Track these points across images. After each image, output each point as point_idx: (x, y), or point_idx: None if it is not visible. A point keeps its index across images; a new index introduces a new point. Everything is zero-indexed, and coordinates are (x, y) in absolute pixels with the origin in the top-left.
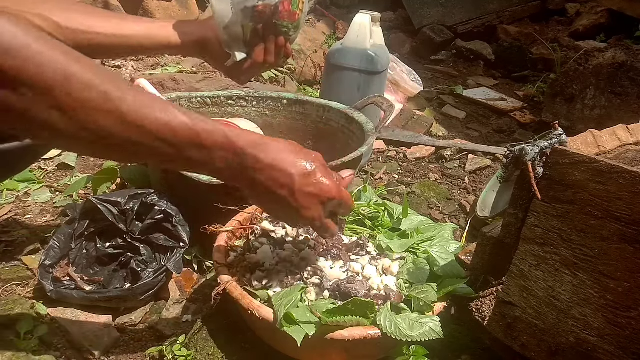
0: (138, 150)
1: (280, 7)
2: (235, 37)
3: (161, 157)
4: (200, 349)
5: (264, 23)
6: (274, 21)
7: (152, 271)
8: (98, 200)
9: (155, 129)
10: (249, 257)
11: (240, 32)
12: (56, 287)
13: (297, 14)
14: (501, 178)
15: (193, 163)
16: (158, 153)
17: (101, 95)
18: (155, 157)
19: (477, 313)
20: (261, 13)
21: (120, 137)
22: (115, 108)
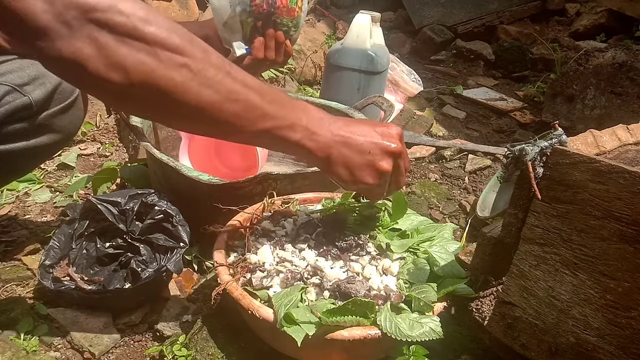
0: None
1: (278, 2)
2: (235, 33)
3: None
4: (200, 349)
5: (263, 19)
6: (273, 18)
7: (152, 271)
8: (98, 200)
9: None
10: (249, 257)
11: (239, 27)
12: (56, 287)
13: (296, 10)
14: (501, 178)
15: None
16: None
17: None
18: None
19: (477, 313)
20: (259, 7)
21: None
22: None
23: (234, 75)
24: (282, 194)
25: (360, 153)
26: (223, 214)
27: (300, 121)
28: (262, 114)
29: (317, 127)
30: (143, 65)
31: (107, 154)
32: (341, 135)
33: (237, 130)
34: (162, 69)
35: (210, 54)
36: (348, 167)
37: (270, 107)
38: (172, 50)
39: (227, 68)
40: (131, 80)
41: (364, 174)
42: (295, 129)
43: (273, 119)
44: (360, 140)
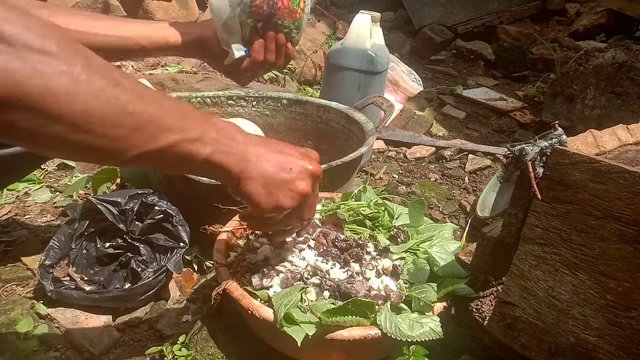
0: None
1: (279, 3)
2: (234, 34)
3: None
4: (200, 349)
5: (264, 21)
6: (274, 20)
7: (152, 271)
8: (98, 200)
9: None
10: (249, 257)
11: (239, 28)
12: (56, 287)
13: (298, 12)
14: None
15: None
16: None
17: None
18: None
19: (477, 313)
20: (259, 8)
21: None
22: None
23: (127, 85)
24: None
25: (281, 170)
26: (223, 214)
27: (209, 133)
28: (163, 126)
29: (230, 139)
30: (8, 73)
31: None
32: (258, 149)
33: (133, 149)
34: (34, 77)
35: (94, 60)
36: (265, 184)
37: (173, 120)
38: (48, 55)
39: (116, 77)
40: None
41: (282, 195)
42: (205, 142)
43: (177, 132)
44: (280, 157)
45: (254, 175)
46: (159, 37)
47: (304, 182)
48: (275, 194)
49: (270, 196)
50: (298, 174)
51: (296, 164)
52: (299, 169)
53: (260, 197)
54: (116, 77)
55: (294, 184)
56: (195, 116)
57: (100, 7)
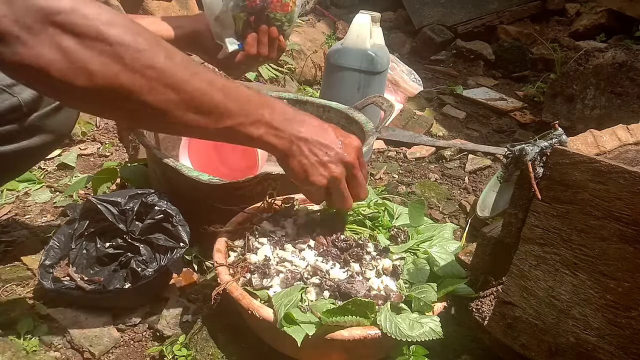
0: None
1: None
2: (227, 28)
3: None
4: (200, 349)
5: (256, 14)
6: (266, 13)
7: (152, 271)
8: (98, 200)
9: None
10: (249, 257)
11: (232, 22)
12: (56, 287)
13: (289, 5)
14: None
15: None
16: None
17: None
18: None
19: (477, 313)
20: (251, 2)
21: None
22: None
23: (199, 75)
24: (282, 194)
25: (318, 153)
26: (223, 214)
27: (263, 117)
28: (226, 112)
29: (281, 123)
30: (107, 69)
31: (107, 154)
32: (304, 134)
33: (200, 128)
34: (127, 71)
35: (175, 55)
36: (303, 163)
37: (234, 105)
38: (137, 53)
39: (192, 68)
40: (96, 84)
41: (315, 173)
42: (258, 126)
43: (236, 117)
44: (322, 142)
45: (296, 154)
46: (152, 32)
47: (335, 165)
48: (310, 171)
49: (305, 172)
50: (331, 158)
51: (332, 150)
52: (333, 154)
53: (298, 172)
54: (194, 68)
55: (326, 166)
56: (254, 101)
57: None
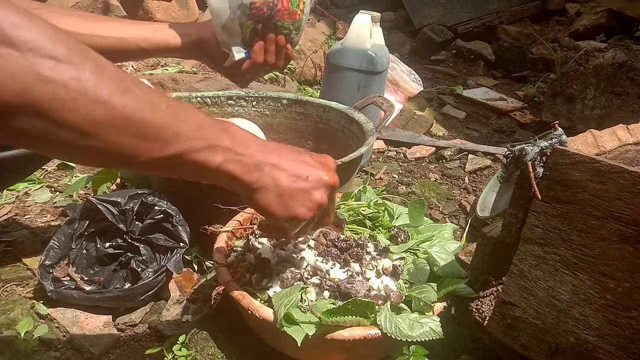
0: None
1: (279, 4)
2: (234, 36)
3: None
4: (200, 349)
5: (263, 22)
6: (274, 21)
7: (152, 271)
8: (98, 200)
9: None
10: (249, 257)
11: (239, 30)
12: (56, 287)
13: (297, 13)
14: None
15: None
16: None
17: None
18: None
19: (477, 313)
20: (259, 10)
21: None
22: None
23: (136, 91)
24: None
25: (296, 179)
26: (223, 214)
27: (221, 142)
28: (173, 134)
29: (243, 147)
30: (15, 81)
31: None
32: (273, 158)
33: (140, 157)
34: (42, 82)
35: (104, 66)
36: (280, 195)
37: (183, 127)
38: (56, 61)
39: (127, 83)
40: (3, 99)
41: (298, 205)
42: (216, 151)
43: (187, 141)
44: (296, 166)
45: (269, 186)
46: (158, 39)
47: (319, 191)
48: (291, 204)
49: (286, 207)
50: (314, 184)
51: (313, 173)
52: (315, 179)
53: (275, 207)
54: (127, 84)
55: (310, 195)
56: (208, 124)
57: (101, 7)
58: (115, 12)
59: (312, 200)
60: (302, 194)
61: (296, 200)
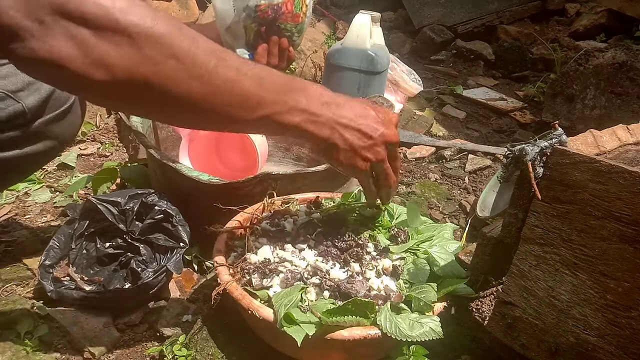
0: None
1: (283, 7)
2: (238, 38)
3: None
4: (200, 349)
5: (267, 25)
6: (277, 24)
7: (152, 271)
8: (98, 200)
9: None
10: (249, 257)
11: (243, 33)
12: (56, 287)
13: (300, 16)
14: (501, 178)
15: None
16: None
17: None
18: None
19: (477, 313)
20: (263, 13)
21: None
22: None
23: (227, 62)
24: (282, 194)
25: (362, 136)
26: (223, 214)
27: (299, 104)
28: (259, 101)
29: (318, 108)
30: (127, 60)
31: (107, 154)
32: (344, 119)
33: (233, 120)
34: (147, 62)
35: (199, 41)
36: (347, 149)
37: (267, 93)
38: (157, 41)
39: (218, 55)
40: (116, 76)
41: (358, 159)
42: (294, 113)
43: (271, 105)
44: (363, 123)
45: (339, 142)
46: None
47: (379, 148)
48: (353, 158)
49: (348, 160)
50: (374, 141)
51: (376, 130)
52: (378, 136)
53: (341, 159)
54: (219, 55)
55: (370, 151)
56: (289, 86)
57: None
58: None
59: (371, 155)
60: (363, 149)
61: (357, 154)
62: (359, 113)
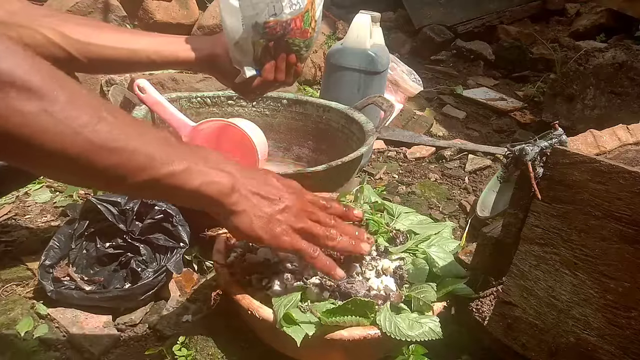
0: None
1: (292, 24)
2: (246, 53)
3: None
4: (200, 349)
5: (276, 41)
6: (285, 39)
7: (152, 271)
8: (98, 200)
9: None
10: (249, 257)
11: (251, 48)
12: (56, 287)
13: (309, 31)
14: (501, 178)
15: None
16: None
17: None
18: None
19: (477, 313)
20: (272, 29)
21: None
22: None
23: (110, 120)
24: None
25: (270, 204)
26: None
27: (197, 165)
28: (148, 161)
29: (219, 168)
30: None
31: None
32: (248, 184)
33: (117, 182)
34: (15, 115)
35: (78, 95)
36: (260, 217)
37: (159, 153)
38: (30, 93)
39: (100, 112)
40: None
41: (275, 226)
42: (192, 174)
43: (163, 166)
44: (271, 192)
45: (247, 209)
46: (170, 53)
47: (294, 213)
48: (268, 225)
49: (263, 228)
50: (286, 206)
51: (283, 198)
52: (288, 202)
53: (259, 231)
54: (100, 113)
55: (284, 214)
56: (181, 148)
57: (101, 7)
58: (115, 12)
59: (290, 218)
60: (279, 214)
61: (273, 221)
62: (261, 178)
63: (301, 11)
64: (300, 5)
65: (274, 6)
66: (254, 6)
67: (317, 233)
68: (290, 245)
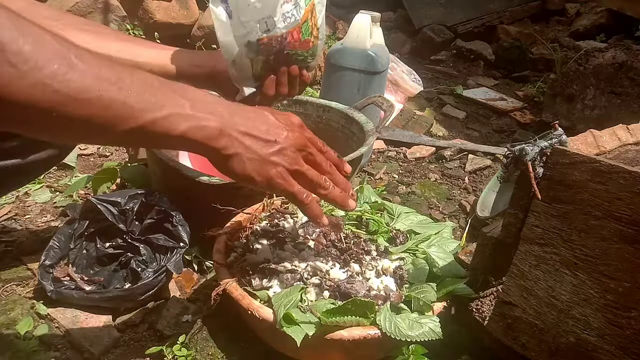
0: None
1: (289, 37)
2: (244, 71)
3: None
4: (200, 349)
5: (275, 55)
6: (285, 52)
7: (152, 271)
8: (98, 200)
9: None
10: (249, 257)
11: (249, 65)
12: (56, 287)
13: (311, 41)
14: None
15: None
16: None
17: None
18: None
19: (477, 313)
20: (267, 46)
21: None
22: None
23: (80, 67)
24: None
25: (265, 144)
26: (223, 214)
27: (182, 109)
28: (128, 109)
29: (206, 111)
30: None
31: (107, 154)
32: (239, 124)
33: (99, 133)
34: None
35: (43, 42)
36: (252, 159)
37: (138, 99)
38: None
39: (70, 59)
40: None
41: (270, 167)
42: (177, 120)
43: (145, 113)
44: (263, 130)
45: (240, 151)
46: (171, 67)
47: (290, 153)
48: (263, 167)
49: (258, 170)
50: (282, 146)
51: (279, 136)
52: (282, 140)
53: (251, 173)
54: (69, 59)
55: (280, 155)
56: (164, 91)
57: (100, 7)
58: (115, 12)
59: (285, 159)
60: (274, 156)
61: (268, 163)
62: (256, 118)
63: (297, 23)
64: (296, 18)
65: (266, 22)
66: (244, 25)
67: (311, 178)
68: (283, 188)
